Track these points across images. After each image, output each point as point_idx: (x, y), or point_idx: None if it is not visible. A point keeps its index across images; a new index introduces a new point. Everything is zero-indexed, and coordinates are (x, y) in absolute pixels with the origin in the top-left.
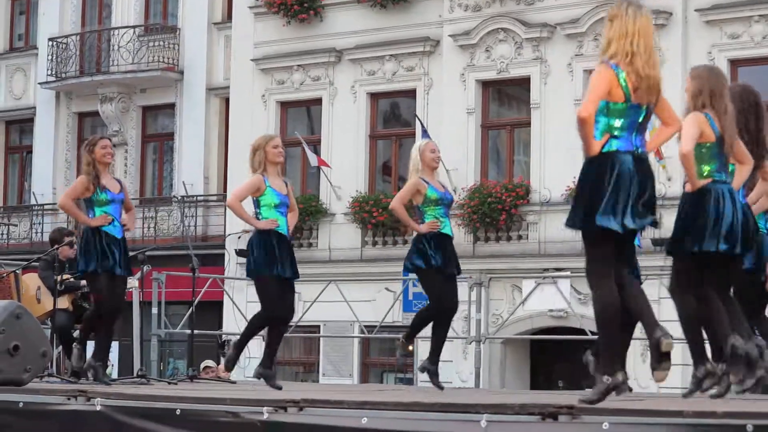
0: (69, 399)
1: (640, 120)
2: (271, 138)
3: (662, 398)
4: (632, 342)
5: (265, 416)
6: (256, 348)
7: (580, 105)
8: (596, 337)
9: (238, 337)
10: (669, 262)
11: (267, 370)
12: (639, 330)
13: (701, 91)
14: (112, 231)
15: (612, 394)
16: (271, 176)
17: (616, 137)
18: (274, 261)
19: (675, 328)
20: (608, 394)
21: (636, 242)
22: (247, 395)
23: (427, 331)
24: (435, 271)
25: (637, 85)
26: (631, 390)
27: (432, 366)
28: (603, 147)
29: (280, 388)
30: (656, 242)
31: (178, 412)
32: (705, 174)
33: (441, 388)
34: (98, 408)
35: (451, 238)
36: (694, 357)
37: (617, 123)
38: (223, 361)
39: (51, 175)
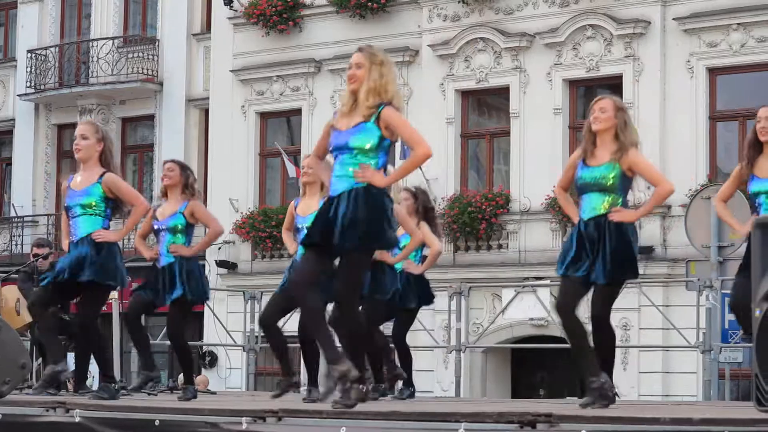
0: (48, 411)
1: None
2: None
3: (639, 405)
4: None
5: (244, 426)
6: (237, 359)
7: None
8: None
9: None
10: (649, 270)
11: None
12: (619, 338)
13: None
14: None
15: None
16: (305, 198)
17: None
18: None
19: (654, 336)
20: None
21: None
22: (226, 406)
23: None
24: None
25: None
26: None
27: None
28: None
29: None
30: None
31: (156, 423)
32: None
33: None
34: (77, 419)
35: None
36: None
37: None
38: (204, 372)
39: (30, 187)
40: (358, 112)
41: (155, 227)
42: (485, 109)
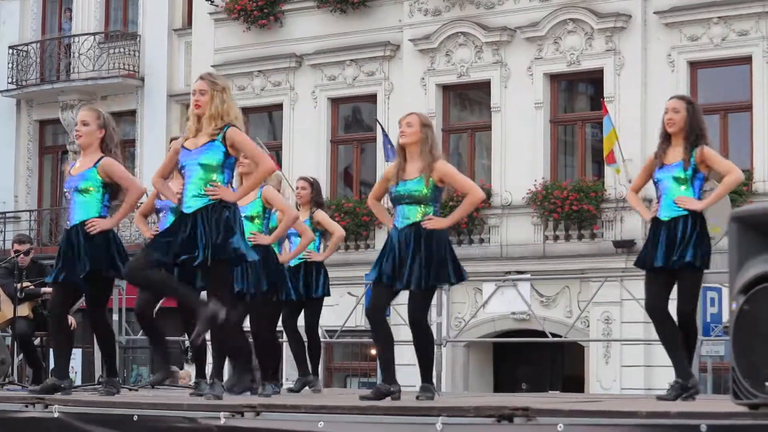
0: (27, 406)
1: None
2: None
3: (618, 399)
4: (594, 344)
5: (222, 421)
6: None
7: None
8: (557, 339)
9: None
10: (631, 264)
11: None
12: (601, 332)
13: None
14: None
15: None
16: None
17: None
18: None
19: (636, 330)
20: None
21: None
22: (205, 401)
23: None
24: None
25: None
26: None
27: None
28: None
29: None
30: (618, 244)
31: (135, 418)
32: None
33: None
34: (56, 415)
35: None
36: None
37: None
38: (186, 366)
39: (12, 183)
40: (204, 134)
41: (158, 206)
42: (466, 104)
